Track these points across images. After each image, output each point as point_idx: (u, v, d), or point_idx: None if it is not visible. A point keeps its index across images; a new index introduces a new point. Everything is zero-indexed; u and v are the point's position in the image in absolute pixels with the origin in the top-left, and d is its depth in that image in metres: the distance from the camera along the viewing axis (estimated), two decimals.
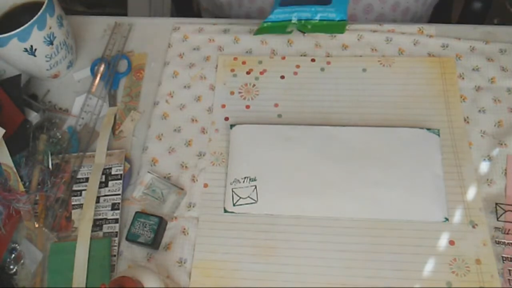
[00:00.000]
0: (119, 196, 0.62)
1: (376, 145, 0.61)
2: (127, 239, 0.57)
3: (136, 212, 0.58)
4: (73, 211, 0.61)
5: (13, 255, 0.59)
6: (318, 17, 0.67)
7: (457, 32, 0.70)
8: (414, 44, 0.69)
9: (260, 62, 0.70)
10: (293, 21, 0.68)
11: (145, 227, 0.57)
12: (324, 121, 0.64)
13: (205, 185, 0.62)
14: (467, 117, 0.63)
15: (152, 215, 0.58)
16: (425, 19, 0.89)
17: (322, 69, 0.69)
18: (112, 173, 0.63)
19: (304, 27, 0.69)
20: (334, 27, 0.69)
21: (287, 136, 0.63)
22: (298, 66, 0.69)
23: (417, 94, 0.65)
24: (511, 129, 0.62)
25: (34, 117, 0.67)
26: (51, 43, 0.66)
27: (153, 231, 0.57)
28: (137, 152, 0.66)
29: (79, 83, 0.73)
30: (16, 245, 0.60)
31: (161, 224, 0.57)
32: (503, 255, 0.54)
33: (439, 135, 0.61)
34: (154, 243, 0.57)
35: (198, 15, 1.02)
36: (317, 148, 0.61)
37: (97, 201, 0.61)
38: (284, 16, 0.69)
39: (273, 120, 0.66)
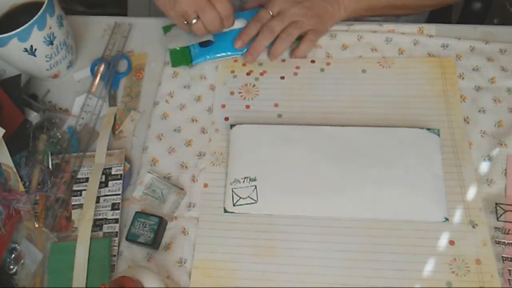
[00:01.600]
0: (119, 196, 0.62)
1: (376, 145, 0.61)
2: (127, 239, 0.57)
3: (136, 212, 0.58)
4: (73, 211, 0.61)
5: (13, 255, 0.59)
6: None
7: (457, 32, 0.70)
8: (414, 44, 0.69)
9: (260, 64, 0.70)
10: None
11: (145, 227, 0.57)
12: (324, 121, 0.64)
13: (205, 185, 0.62)
14: (467, 117, 0.63)
15: (152, 215, 0.58)
16: (422, 20, 0.88)
17: (322, 70, 0.69)
18: (112, 173, 0.63)
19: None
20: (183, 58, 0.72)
21: (287, 136, 0.63)
22: (298, 67, 0.69)
23: (417, 94, 0.65)
24: (511, 129, 0.61)
25: (34, 117, 0.67)
26: (51, 43, 0.66)
27: (153, 231, 0.57)
28: (137, 152, 0.66)
29: (79, 83, 0.73)
30: (16, 245, 0.60)
31: (161, 224, 0.57)
32: (503, 255, 0.54)
33: (439, 135, 0.61)
34: (154, 243, 0.57)
35: None
36: (317, 148, 0.61)
37: (97, 201, 0.61)
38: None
39: (273, 120, 0.66)
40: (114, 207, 0.61)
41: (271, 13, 0.68)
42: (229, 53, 0.71)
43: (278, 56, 0.70)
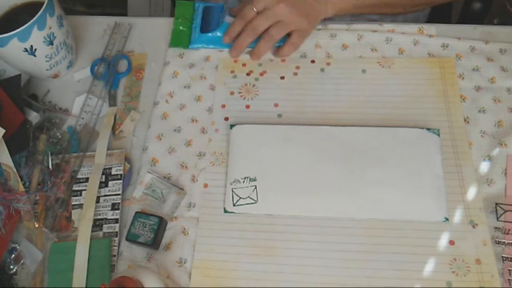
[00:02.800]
0: (119, 196, 0.62)
1: (376, 145, 0.61)
2: (127, 239, 0.57)
3: (136, 212, 0.58)
4: (73, 211, 0.61)
5: (13, 255, 0.59)
6: None
7: (457, 32, 0.70)
8: (414, 44, 0.69)
9: (260, 65, 0.70)
10: None
11: (145, 227, 0.57)
12: (324, 121, 0.64)
13: (205, 185, 0.62)
14: (467, 117, 0.63)
15: (152, 215, 0.58)
16: (422, 20, 0.88)
17: (322, 70, 0.69)
18: (112, 173, 0.63)
19: None
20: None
21: (287, 136, 0.63)
22: (297, 67, 0.69)
23: (417, 94, 0.65)
24: (511, 129, 0.61)
25: (34, 117, 0.67)
26: (51, 43, 0.66)
27: (153, 231, 0.57)
28: (137, 152, 0.66)
29: (79, 83, 0.73)
30: (16, 245, 0.60)
31: (161, 224, 0.57)
32: (503, 255, 0.54)
33: (439, 135, 0.61)
34: (154, 243, 0.57)
35: None
36: (317, 148, 0.61)
37: (97, 201, 0.61)
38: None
39: (273, 120, 0.66)
40: (114, 207, 0.61)
41: (255, 10, 0.66)
42: (224, 46, 0.72)
43: (261, 56, 0.70)
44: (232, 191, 0.60)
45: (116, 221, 0.60)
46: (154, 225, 0.57)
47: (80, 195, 0.62)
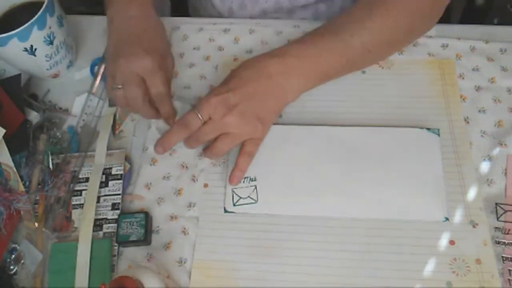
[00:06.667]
0: (119, 196, 0.62)
1: (376, 145, 0.61)
2: (117, 242, 0.57)
3: (119, 215, 0.59)
4: (73, 211, 0.61)
5: (13, 255, 0.59)
6: None
7: (457, 32, 0.70)
8: (414, 45, 0.69)
9: None
10: None
11: (132, 225, 0.57)
12: (324, 121, 0.64)
13: (205, 185, 0.62)
14: (467, 117, 0.63)
15: (136, 212, 0.59)
16: None
17: None
18: (112, 173, 0.63)
19: None
20: None
21: (287, 136, 0.63)
22: None
23: (417, 95, 0.65)
24: (511, 129, 0.62)
25: (34, 117, 0.67)
26: (51, 43, 0.66)
27: (142, 227, 0.57)
28: (137, 152, 0.66)
29: (79, 83, 0.73)
30: (16, 245, 0.60)
31: (147, 218, 0.58)
32: (503, 255, 0.54)
33: (439, 135, 0.61)
34: (147, 238, 0.57)
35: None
36: (317, 148, 0.61)
37: (97, 201, 0.61)
38: None
39: None
40: (114, 207, 0.61)
41: (200, 118, 0.58)
42: None
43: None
44: (232, 191, 0.60)
45: (116, 221, 0.60)
46: (141, 221, 0.57)
47: (81, 195, 0.62)
